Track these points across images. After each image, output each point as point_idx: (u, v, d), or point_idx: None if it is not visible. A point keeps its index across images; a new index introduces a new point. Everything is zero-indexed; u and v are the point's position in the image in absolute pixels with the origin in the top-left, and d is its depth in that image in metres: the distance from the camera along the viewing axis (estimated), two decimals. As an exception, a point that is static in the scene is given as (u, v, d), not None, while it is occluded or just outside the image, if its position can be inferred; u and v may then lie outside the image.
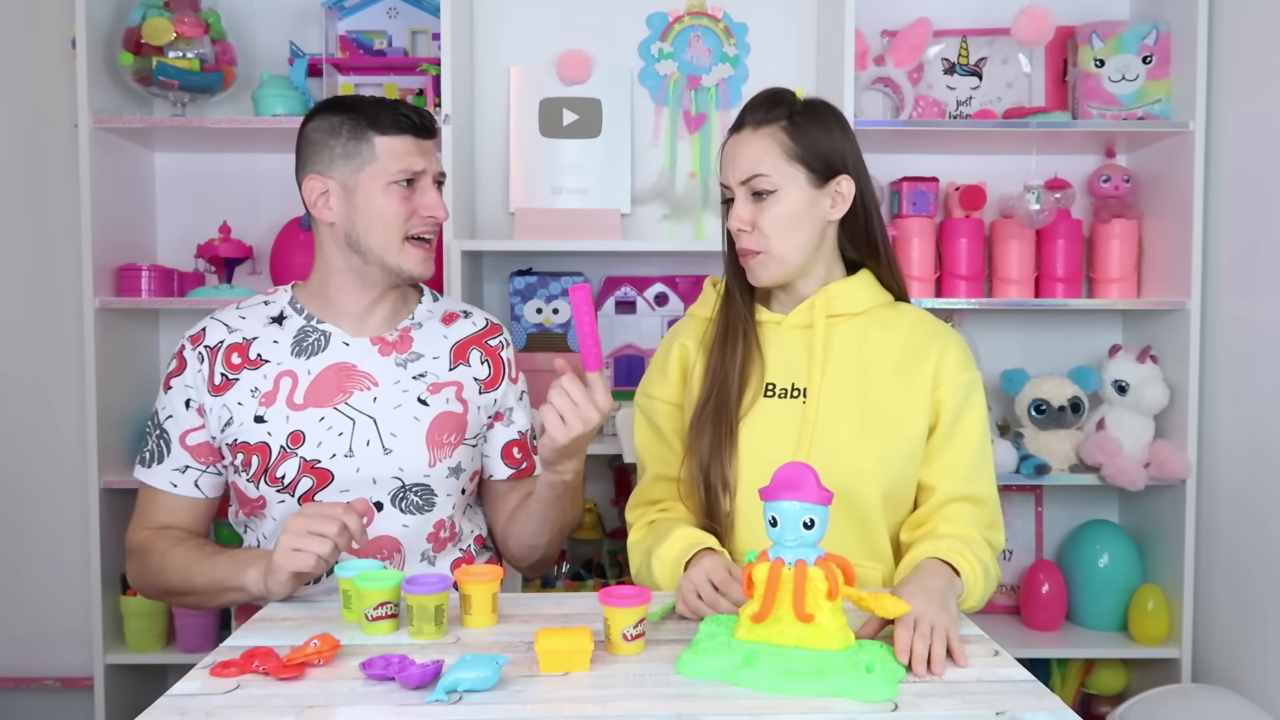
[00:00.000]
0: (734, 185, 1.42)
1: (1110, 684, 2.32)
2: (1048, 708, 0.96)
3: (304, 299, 1.51)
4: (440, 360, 1.52)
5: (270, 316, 1.50)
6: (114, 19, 2.19)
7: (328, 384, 1.46)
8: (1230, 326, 2.09)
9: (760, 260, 1.41)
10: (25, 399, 2.40)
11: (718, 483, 1.40)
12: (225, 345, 1.47)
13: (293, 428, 1.43)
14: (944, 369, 1.42)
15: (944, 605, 1.16)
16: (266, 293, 1.55)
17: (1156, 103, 2.22)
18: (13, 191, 2.38)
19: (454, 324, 1.57)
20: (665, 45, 2.38)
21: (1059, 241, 2.25)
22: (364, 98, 1.48)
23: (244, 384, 1.45)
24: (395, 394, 1.47)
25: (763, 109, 1.42)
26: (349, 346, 1.48)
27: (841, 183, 1.42)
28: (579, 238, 2.17)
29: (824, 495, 1.03)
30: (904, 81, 2.27)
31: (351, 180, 1.43)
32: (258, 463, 1.44)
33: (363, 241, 1.44)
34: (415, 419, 1.47)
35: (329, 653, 1.07)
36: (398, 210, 1.43)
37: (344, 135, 1.43)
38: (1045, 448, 2.24)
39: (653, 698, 0.98)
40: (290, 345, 1.48)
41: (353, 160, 1.43)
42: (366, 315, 1.49)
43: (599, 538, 2.38)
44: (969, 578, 1.29)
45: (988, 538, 1.41)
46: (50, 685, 2.39)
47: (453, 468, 1.49)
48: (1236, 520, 2.06)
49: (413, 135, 1.44)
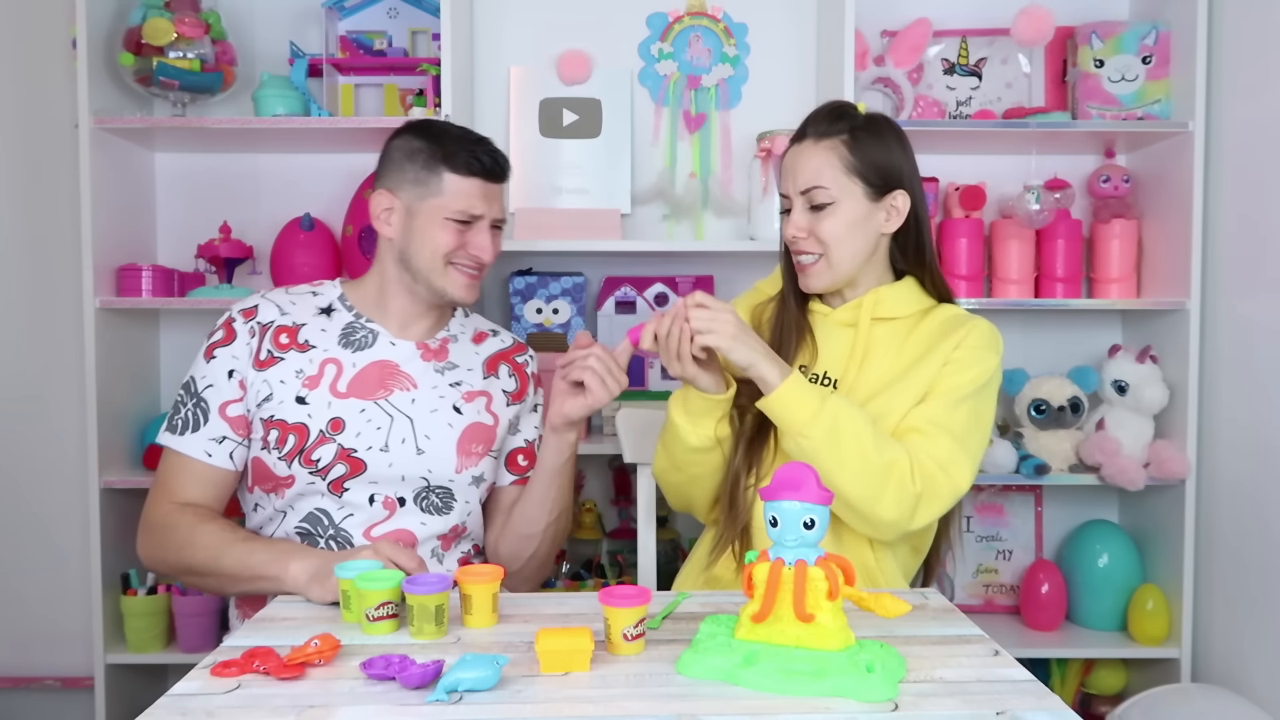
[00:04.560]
0: (793, 195, 1.48)
1: (1110, 684, 2.32)
2: (1048, 708, 0.96)
3: (354, 298, 1.58)
4: (474, 372, 1.60)
5: (319, 307, 1.56)
6: (114, 19, 2.19)
7: (371, 378, 1.52)
8: (1230, 326, 2.09)
9: (815, 269, 1.47)
10: (25, 399, 2.40)
11: None
12: (275, 325, 1.53)
13: (334, 414, 1.49)
14: (961, 348, 1.44)
15: (742, 333, 1.34)
16: (313, 284, 1.61)
17: (1156, 103, 2.22)
18: (13, 191, 2.38)
19: (484, 341, 1.65)
20: (665, 45, 2.39)
21: (1059, 241, 2.25)
22: (452, 129, 1.55)
23: (289, 364, 1.50)
24: (433, 398, 1.54)
25: (825, 122, 1.47)
26: (394, 346, 1.55)
27: (897, 197, 1.46)
28: (579, 238, 2.17)
29: (824, 495, 1.03)
30: (904, 81, 2.27)
31: (416, 205, 1.50)
32: (294, 441, 1.48)
33: (413, 261, 1.51)
34: (449, 425, 1.54)
35: (329, 653, 1.07)
36: (448, 241, 1.50)
37: (419, 163, 1.50)
38: (1045, 448, 2.24)
39: (653, 698, 0.98)
40: (338, 336, 1.54)
41: (420, 188, 1.50)
42: (412, 322, 1.57)
43: (599, 538, 2.38)
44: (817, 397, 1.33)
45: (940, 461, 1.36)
46: (50, 685, 2.39)
47: (476, 476, 1.56)
48: (1236, 520, 2.06)
49: (481, 178, 1.51)
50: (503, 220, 1.58)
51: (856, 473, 1.32)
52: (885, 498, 1.33)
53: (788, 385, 1.35)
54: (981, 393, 1.43)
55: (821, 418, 1.33)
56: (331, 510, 1.50)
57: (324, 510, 1.50)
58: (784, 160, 1.51)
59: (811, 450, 1.33)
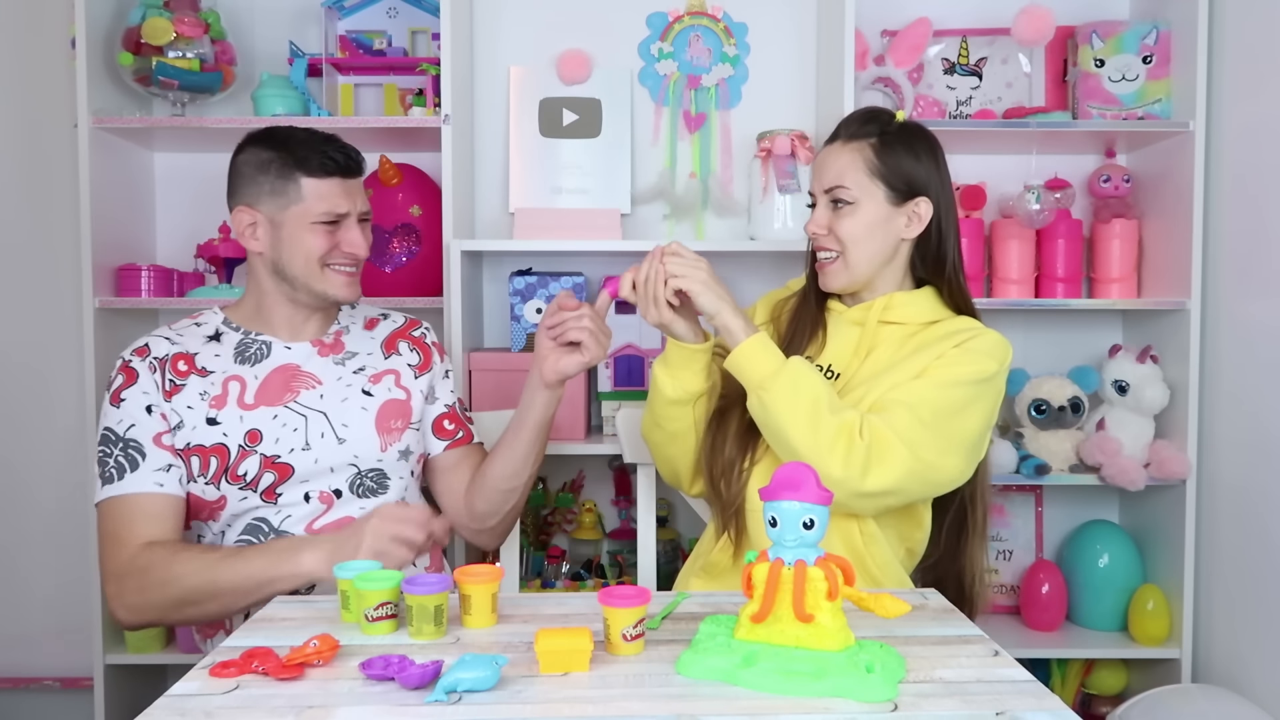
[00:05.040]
0: (818, 193, 1.52)
1: (1110, 684, 2.32)
2: (1048, 708, 0.96)
3: (237, 318, 1.59)
4: (374, 355, 1.63)
5: (206, 335, 1.57)
6: (114, 19, 2.19)
7: (275, 385, 1.54)
8: (1230, 326, 2.08)
9: (833, 268, 1.51)
10: (25, 399, 2.40)
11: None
12: (170, 355, 1.52)
13: (248, 426, 1.50)
14: (965, 344, 1.44)
15: (714, 281, 1.41)
16: (192, 316, 1.61)
17: (1156, 103, 2.22)
18: (13, 191, 2.38)
19: (376, 326, 1.68)
20: (665, 45, 2.38)
21: (1059, 241, 2.25)
22: (296, 132, 1.53)
23: (191, 389, 1.50)
24: (340, 389, 1.57)
25: (856, 124, 1.52)
26: (290, 350, 1.57)
27: (920, 204, 1.49)
28: (579, 238, 2.17)
29: (824, 495, 1.03)
30: (904, 81, 2.27)
31: (278, 216, 1.51)
32: (216, 463, 1.48)
33: (288, 270, 1.52)
34: (363, 409, 1.57)
35: (328, 653, 1.07)
36: (320, 245, 1.51)
37: (272, 173, 1.50)
38: (1045, 448, 2.24)
39: (653, 698, 0.98)
40: (233, 355, 1.55)
41: (279, 198, 1.50)
42: (300, 326, 1.59)
43: (599, 538, 2.38)
44: (777, 355, 1.39)
45: (910, 442, 1.35)
46: (50, 685, 2.39)
47: (402, 451, 1.59)
48: (1236, 520, 2.05)
49: (339, 176, 1.51)
50: (368, 214, 1.58)
51: (808, 427, 1.35)
52: (835, 453, 1.34)
53: (752, 341, 1.41)
54: (970, 387, 1.41)
55: (782, 375, 1.38)
56: (269, 516, 1.51)
57: (261, 519, 1.51)
58: (815, 160, 1.56)
59: (770, 404, 1.37)
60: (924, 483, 1.40)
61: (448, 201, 2.11)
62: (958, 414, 1.40)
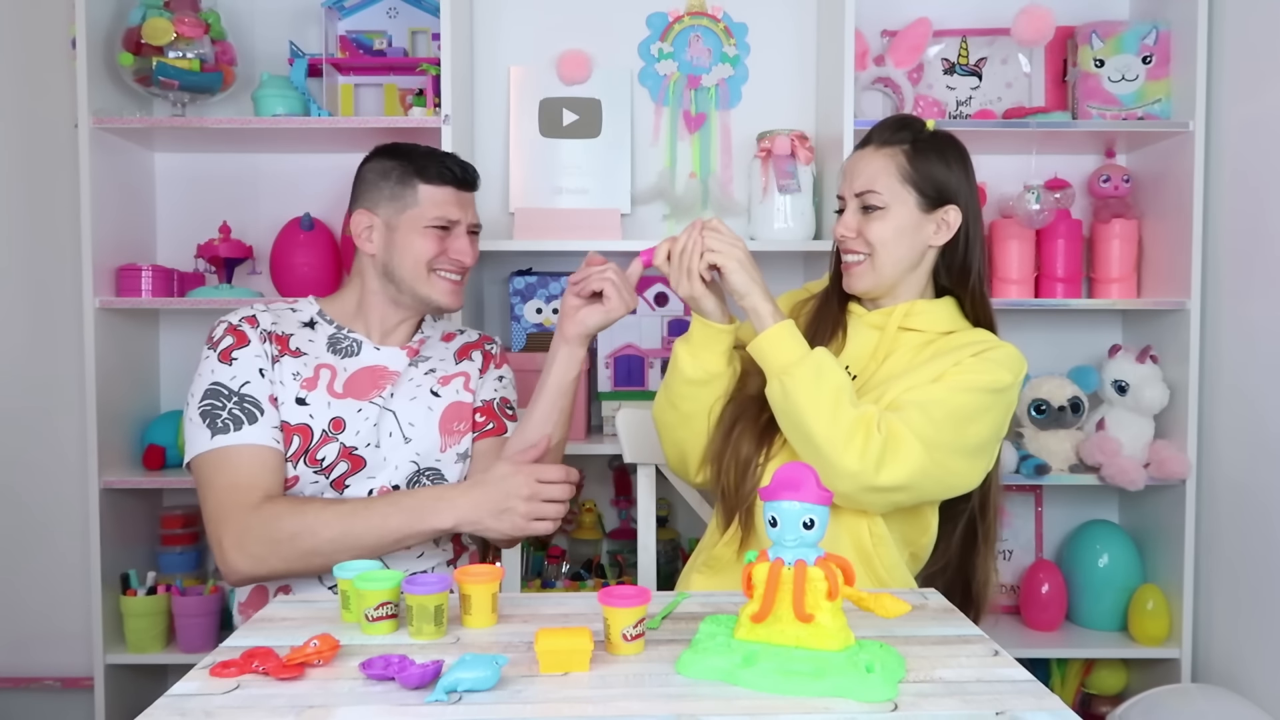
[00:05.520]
0: (848, 196, 1.53)
1: (1110, 684, 2.32)
2: (1048, 708, 0.96)
3: (332, 312, 1.64)
4: (446, 360, 1.68)
5: (301, 321, 1.62)
6: (114, 19, 2.19)
7: (363, 379, 1.59)
8: (1230, 326, 2.09)
9: (860, 270, 1.52)
10: (25, 399, 2.40)
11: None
12: (272, 331, 1.57)
13: (334, 413, 1.54)
14: (983, 354, 1.44)
15: (749, 262, 1.43)
16: (288, 301, 1.65)
17: (1156, 103, 2.22)
18: (13, 191, 2.38)
19: (453, 339, 1.73)
20: (665, 45, 2.39)
21: (1059, 241, 2.25)
22: (418, 147, 1.62)
23: (286, 367, 1.55)
24: (410, 388, 1.61)
25: (889, 130, 1.53)
26: (379, 352, 1.62)
27: (949, 212, 1.50)
28: (579, 238, 2.17)
29: (824, 495, 1.03)
30: (904, 81, 2.27)
31: (395, 220, 1.57)
32: (298, 442, 1.52)
33: (397, 272, 1.58)
34: (429, 409, 1.61)
35: (329, 653, 1.07)
36: (430, 248, 1.57)
37: (393, 179, 1.58)
38: (1045, 448, 2.24)
39: (653, 698, 0.98)
40: (325, 344, 1.60)
41: (398, 202, 1.57)
42: (392, 331, 1.64)
43: (599, 538, 2.38)
44: (801, 343, 1.40)
45: (907, 422, 1.36)
46: (50, 685, 2.40)
47: (460, 454, 1.63)
48: (1236, 520, 2.06)
49: (454, 187, 1.59)
50: (478, 227, 1.65)
51: (829, 417, 1.35)
52: (852, 445, 1.35)
53: (780, 327, 1.41)
54: (984, 395, 1.41)
55: (807, 362, 1.38)
56: None
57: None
58: (845, 164, 1.57)
59: (792, 389, 1.37)
60: (935, 482, 1.40)
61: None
62: (970, 419, 1.41)
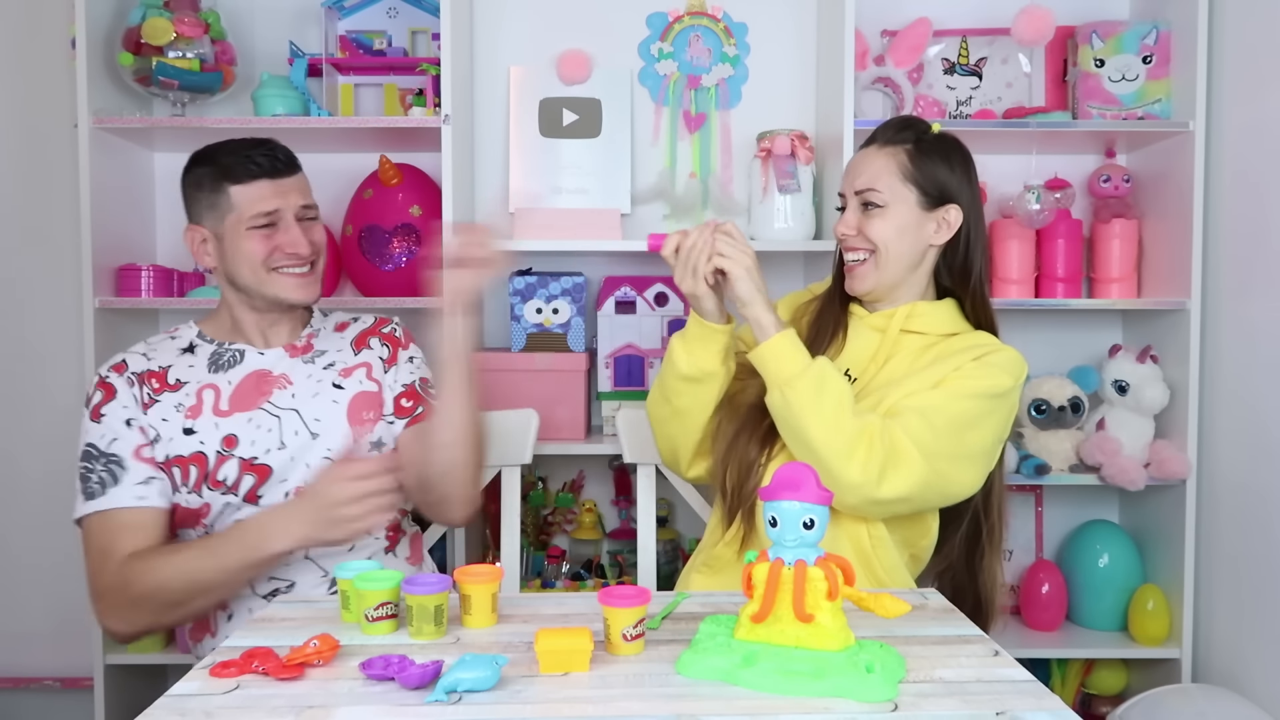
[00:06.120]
0: (849, 195, 1.53)
1: (1110, 684, 2.32)
2: (1048, 708, 0.96)
3: (211, 331, 1.63)
4: (343, 352, 1.65)
5: (180, 348, 1.61)
6: (114, 19, 2.19)
7: (249, 389, 1.57)
8: (1230, 326, 2.08)
9: (862, 270, 1.52)
10: (26, 399, 2.40)
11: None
12: (144, 371, 1.55)
13: (224, 432, 1.53)
14: (984, 358, 1.45)
15: (756, 270, 1.41)
16: (169, 331, 1.65)
17: (1156, 103, 2.22)
18: (13, 191, 2.38)
19: (346, 328, 1.70)
20: (665, 45, 2.38)
21: (1059, 241, 2.25)
22: (224, 145, 1.57)
23: (166, 403, 1.53)
24: (311, 385, 1.59)
25: (893, 130, 1.54)
26: (263, 356, 1.61)
27: (950, 211, 1.50)
28: (579, 238, 2.17)
29: (824, 495, 1.03)
30: (904, 81, 2.27)
31: (219, 229, 1.55)
32: (196, 472, 1.51)
33: (239, 279, 1.56)
34: (334, 402, 1.59)
35: (329, 653, 1.07)
36: (258, 249, 1.54)
37: (206, 188, 1.55)
38: (1045, 448, 2.24)
39: (653, 698, 0.98)
40: (206, 365, 1.59)
41: (216, 211, 1.55)
42: (270, 334, 1.62)
43: (599, 538, 2.38)
44: (804, 354, 1.39)
45: (908, 430, 1.36)
46: (50, 685, 2.39)
47: (374, 442, 1.61)
48: (1236, 520, 2.05)
49: (267, 178, 1.54)
50: (311, 207, 1.60)
51: (831, 428, 1.35)
52: (854, 458, 1.35)
53: (781, 337, 1.40)
54: (985, 401, 1.41)
55: (809, 374, 1.38)
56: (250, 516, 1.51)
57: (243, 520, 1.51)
58: (848, 163, 1.58)
59: (795, 401, 1.37)
60: (936, 492, 1.41)
61: (448, 202, 2.10)
62: (971, 426, 1.41)
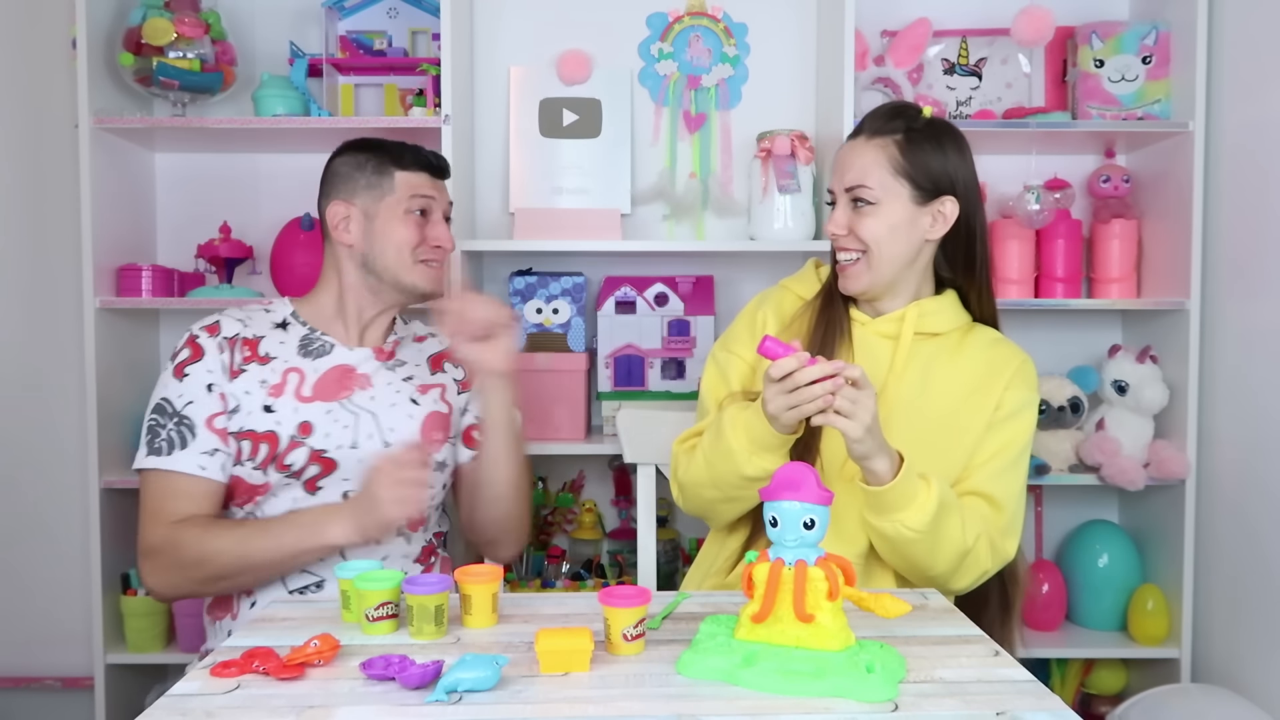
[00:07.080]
0: (838, 191, 1.45)
1: (1110, 684, 2.32)
2: (1048, 708, 0.96)
3: (305, 313, 1.64)
4: (421, 368, 1.68)
5: (274, 322, 1.62)
6: (114, 19, 2.19)
7: (332, 381, 1.58)
8: (1230, 326, 2.09)
9: (854, 270, 1.45)
10: (25, 399, 2.39)
11: None
12: (240, 337, 1.57)
13: (301, 418, 1.54)
14: (1009, 390, 1.45)
15: (875, 425, 1.25)
16: (262, 302, 1.68)
17: (1156, 103, 2.22)
18: (13, 191, 2.38)
19: (425, 342, 1.73)
20: (665, 45, 2.39)
21: (1059, 241, 2.25)
22: (388, 140, 1.64)
23: (252, 375, 1.55)
24: (389, 394, 1.61)
25: (881, 119, 1.45)
26: (351, 352, 1.62)
27: (945, 203, 1.44)
28: (579, 238, 2.17)
29: (824, 495, 1.03)
30: (904, 81, 2.27)
31: (373, 208, 1.59)
32: (266, 450, 1.52)
33: (378, 261, 1.59)
34: (409, 416, 1.61)
35: (329, 653, 1.07)
36: (410, 235, 1.58)
37: (369, 169, 1.60)
38: (1045, 448, 2.24)
39: (653, 698, 0.98)
40: (296, 347, 1.59)
41: (375, 190, 1.59)
42: (366, 330, 1.64)
43: (599, 538, 2.38)
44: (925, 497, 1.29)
45: (992, 537, 1.40)
46: (50, 685, 2.39)
47: (439, 462, 1.64)
48: (1236, 520, 2.06)
49: (429, 174, 1.62)
50: (450, 214, 1.67)
51: (949, 558, 1.35)
52: (963, 575, 1.38)
53: (902, 479, 1.28)
54: (1028, 449, 1.46)
55: (926, 511, 1.30)
56: (303, 506, 1.53)
57: (298, 510, 1.53)
58: (836, 156, 1.49)
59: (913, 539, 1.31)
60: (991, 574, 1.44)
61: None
62: (1023, 487, 1.44)
